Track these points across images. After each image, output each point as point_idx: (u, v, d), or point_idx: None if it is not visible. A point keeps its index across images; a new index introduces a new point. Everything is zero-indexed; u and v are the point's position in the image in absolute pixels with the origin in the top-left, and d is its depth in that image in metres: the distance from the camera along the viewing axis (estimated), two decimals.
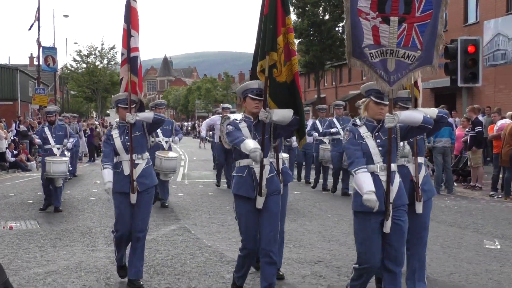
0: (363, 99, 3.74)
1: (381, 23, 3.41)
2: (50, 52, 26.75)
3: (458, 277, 4.87)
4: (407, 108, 3.86)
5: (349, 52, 3.54)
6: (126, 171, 4.45)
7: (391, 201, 3.35)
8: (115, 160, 4.54)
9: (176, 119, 55.27)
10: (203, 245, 6.24)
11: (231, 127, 3.91)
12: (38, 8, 26.61)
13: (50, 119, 9.04)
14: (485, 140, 11.81)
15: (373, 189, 3.16)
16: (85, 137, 20.85)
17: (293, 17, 26.16)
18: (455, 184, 11.46)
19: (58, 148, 8.82)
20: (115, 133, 4.57)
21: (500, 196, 10.17)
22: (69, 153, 9.63)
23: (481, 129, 11.33)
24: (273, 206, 3.92)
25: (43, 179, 8.93)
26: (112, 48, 45.81)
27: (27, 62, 44.93)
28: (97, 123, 26.88)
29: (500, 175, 10.43)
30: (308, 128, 10.11)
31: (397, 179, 3.44)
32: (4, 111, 24.00)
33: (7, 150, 16.52)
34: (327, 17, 34.15)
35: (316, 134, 10.80)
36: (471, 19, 22.77)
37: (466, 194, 11.00)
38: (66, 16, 35.79)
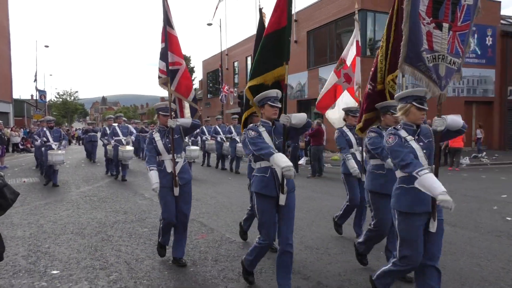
0: (401, 105, 3.50)
1: (435, 28, 3.36)
2: (42, 93, 42.88)
3: None
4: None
5: (402, 58, 3.44)
6: (169, 169, 4.86)
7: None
8: (158, 158, 4.91)
9: None
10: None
11: (253, 132, 3.96)
12: (36, 73, 42.16)
13: (50, 125, 11.87)
14: None
15: (445, 189, 3.01)
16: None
17: None
18: None
19: (55, 145, 11.53)
20: (156, 136, 4.90)
21: None
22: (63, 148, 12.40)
23: None
24: (291, 202, 4.04)
25: (46, 166, 11.46)
26: (76, 92, 74.17)
27: (28, 97, 63.83)
28: (67, 128, 42.90)
29: None
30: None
31: None
32: (17, 122, 38.41)
33: (19, 142, 26.02)
34: None
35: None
36: None
37: None
38: (46, 46, 45.36)
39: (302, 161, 16.62)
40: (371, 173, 4.65)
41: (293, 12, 22.87)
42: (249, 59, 32.80)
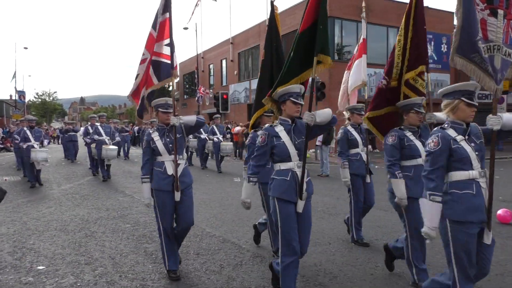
0: (447, 101, 3.01)
1: (489, 15, 2.90)
2: (21, 93, 42.10)
3: None
4: (421, 113, 3.91)
5: (454, 49, 2.94)
6: (169, 171, 4.19)
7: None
8: (157, 159, 4.26)
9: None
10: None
11: (261, 139, 3.58)
12: (15, 73, 41.45)
13: (31, 124, 11.09)
14: None
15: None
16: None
17: None
18: None
19: (37, 144, 10.77)
20: (155, 135, 4.25)
21: None
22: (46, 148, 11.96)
23: None
24: (309, 210, 3.60)
25: (28, 166, 10.69)
26: (55, 92, 74.10)
27: (7, 97, 62.40)
28: (46, 128, 38.85)
29: None
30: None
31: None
32: None
33: None
34: None
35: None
36: None
37: None
38: (25, 48, 46.67)
39: None
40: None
41: (268, 17, 22.74)
42: (223, 62, 32.74)
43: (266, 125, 3.70)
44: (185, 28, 32.84)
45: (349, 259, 4.80)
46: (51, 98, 72.71)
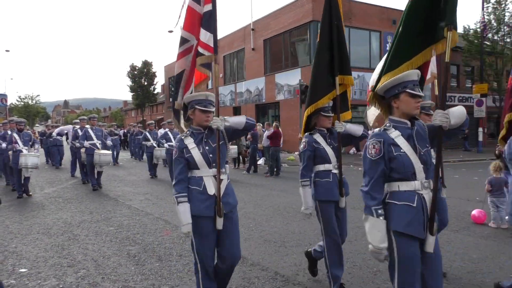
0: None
1: None
2: (3, 96, 39.88)
3: None
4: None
5: None
6: (211, 190, 3.18)
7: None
8: (192, 174, 3.23)
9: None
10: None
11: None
12: None
13: (19, 127, 9.89)
14: None
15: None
16: None
17: None
18: None
19: (26, 149, 9.67)
20: (189, 142, 3.23)
21: None
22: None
23: None
24: (438, 248, 2.87)
25: (16, 173, 9.56)
26: (37, 95, 72.83)
27: None
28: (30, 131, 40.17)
29: None
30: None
31: None
32: None
33: None
34: None
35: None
36: None
37: None
38: (7, 51, 47.82)
39: (260, 161, 16.82)
40: None
41: (254, 20, 23.12)
42: None
43: (376, 129, 2.76)
44: (170, 31, 32.82)
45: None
46: (34, 101, 71.68)
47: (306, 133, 4.01)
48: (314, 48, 20.70)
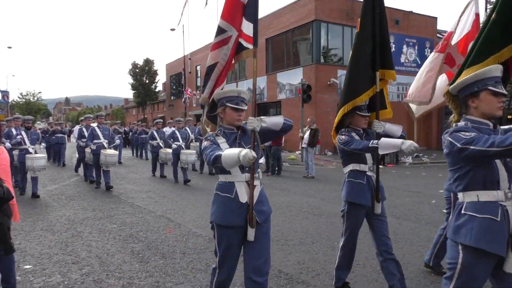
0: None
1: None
2: (5, 93, 41.98)
3: None
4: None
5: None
6: (243, 197, 2.84)
7: None
8: (222, 179, 2.94)
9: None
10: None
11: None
12: None
13: (27, 125, 9.49)
14: None
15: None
16: None
17: None
18: None
19: (33, 148, 9.30)
20: (222, 142, 2.90)
21: None
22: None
23: None
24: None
25: (23, 173, 9.33)
26: (39, 92, 73.45)
27: None
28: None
29: None
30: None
31: None
32: None
33: None
34: None
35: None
36: None
37: None
38: (9, 47, 48.14)
39: (261, 160, 16.83)
40: None
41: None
42: None
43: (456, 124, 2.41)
44: (172, 30, 32.83)
45: (331, 258, 4.91)
46: (35, 98, 71.81)
47: (342, 130, 3.68)
48: (316, 48, 20.72)
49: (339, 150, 3.68)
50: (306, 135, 13.17)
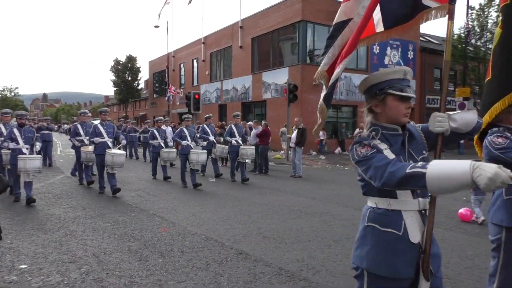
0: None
1: None
2: None
3: None
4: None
5: None
6: (415, 235, 1.90)
7: None
8: (383, 206, 1.95)
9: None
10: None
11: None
12: None
13: (21, 121, 8.22)
14: None
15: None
16: None
17: None
18: None
19: (27, 148, 8.25)
20: (384, 148, 1.94)
21: None
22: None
23: None
24: None
25: (15, 175, 8.26)
26: (16, 88, 72.90)
27: None
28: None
29: None
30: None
31: None
32: None
33: None
34: None
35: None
36: None
37: None
38: None
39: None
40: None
41: (243, 17, 22.99)
42: (195, 61, 32.62)
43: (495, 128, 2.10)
44: (156, 26, 32.55)
45: (330, 255, 5.00)
46: (12, 94, 70.07)
47: (494, 129, 2.88)
48: (303, 48, 20.82)
49: (491, 158, 2.74)
50: (294, 135, 13.25)
